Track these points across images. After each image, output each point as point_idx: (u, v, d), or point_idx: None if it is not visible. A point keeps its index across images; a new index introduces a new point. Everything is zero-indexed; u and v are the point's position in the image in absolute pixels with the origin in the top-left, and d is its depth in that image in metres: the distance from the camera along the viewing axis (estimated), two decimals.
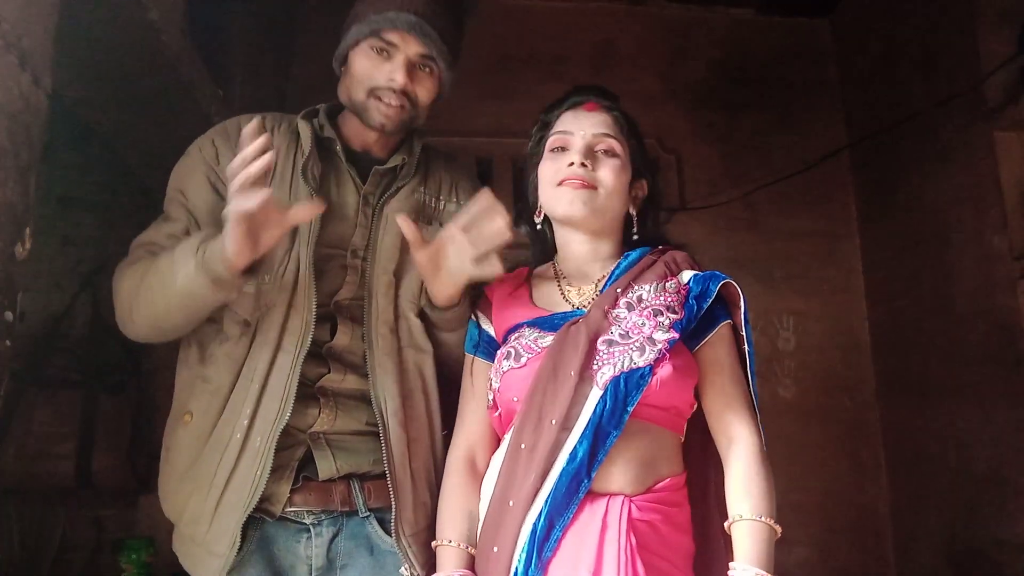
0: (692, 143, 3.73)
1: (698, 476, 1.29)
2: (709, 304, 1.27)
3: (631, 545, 1.12)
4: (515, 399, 1.25)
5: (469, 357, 1.39)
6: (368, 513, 1.37)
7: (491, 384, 1.30)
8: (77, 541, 2.99)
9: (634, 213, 1.40)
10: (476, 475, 1.31)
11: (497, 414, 1.30)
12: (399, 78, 1.38)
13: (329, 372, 1.37)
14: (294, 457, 1.34)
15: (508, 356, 1.28)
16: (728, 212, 3.62)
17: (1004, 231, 2.75)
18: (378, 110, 1.40)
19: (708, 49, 3.85)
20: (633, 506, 1.16)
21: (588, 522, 1.15)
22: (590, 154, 1.34)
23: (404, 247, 1.42)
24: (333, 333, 1.39)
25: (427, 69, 1.42)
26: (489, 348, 1.37)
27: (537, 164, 1.42)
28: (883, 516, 3.47)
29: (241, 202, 1.16)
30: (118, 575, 2.84)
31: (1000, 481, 2.80)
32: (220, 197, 1.36)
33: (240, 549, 1.30)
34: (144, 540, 2.90)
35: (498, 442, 1.32)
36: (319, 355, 1.37)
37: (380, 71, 1.39)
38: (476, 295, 1.44)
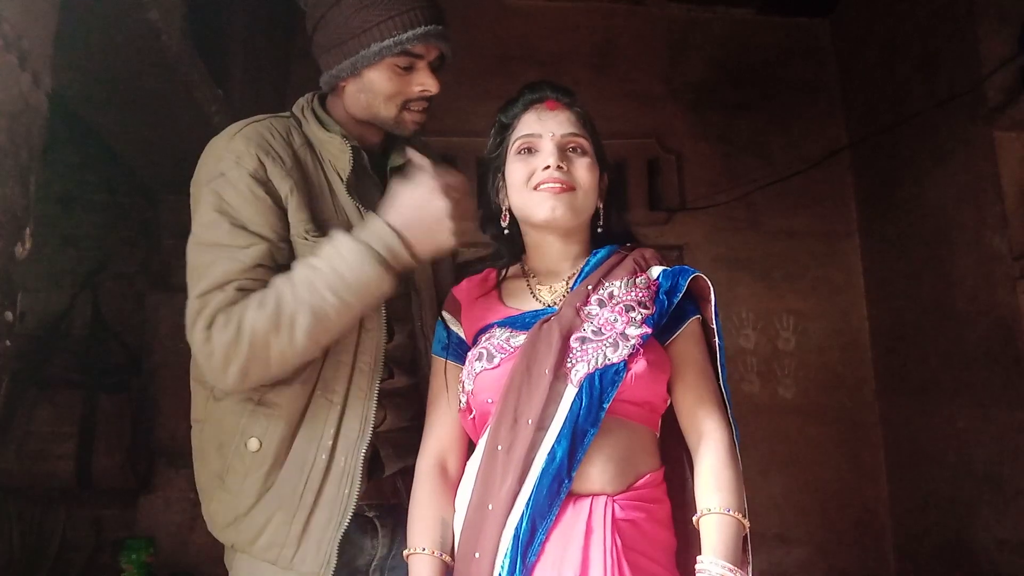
0: (692, 143, 3.73)
1: (676, 471, 1.29)
2: (679, 299, 1.26)
3: (617, 547, 1.11)
4: (489, 400, 1.23)
5: (439, 360, 1.36)
6: None
7: (463, 387, 1.28)
8: (77, 541, 3.00)
9: (600, 206, 1.39)
10: (448, 481, 1.29)
11: (471, 417, 1.28)
12: (432, 87, 1.39)
13: (392, 376, 1.39)
14: (366, 435, 1.34)
15: (480, 357, 1.26)
16: (728, 212, 3.63)
17: (1004, 231, 2.75)
18: (412, 120, 1.42)
19: (708, 49, 3.85)
20: (616, 506, 1.16)
21: (572, 524, 1.14)
22: (563, 155, 1.32)
23: None
24: (389, 336, 1.39)
25: (437, 67, 1.43)
26: (459, 350, 1.34)
27: (499, 168, 1.40)
28: (883, 516, 3.48)
29: (450, 235, 1.27)
30: (118, 575, 2.84)
31: (1000, 481, 2.80)
32: (280, 209, 1.30)
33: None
34: (144, 540, 2.90)
35: (470, 446, 1.31)
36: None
37: (408, 83, 1.38)
38: (442, 296, 1.44)
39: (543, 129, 1.34)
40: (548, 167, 1.30)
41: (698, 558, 1.13)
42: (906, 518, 3.37)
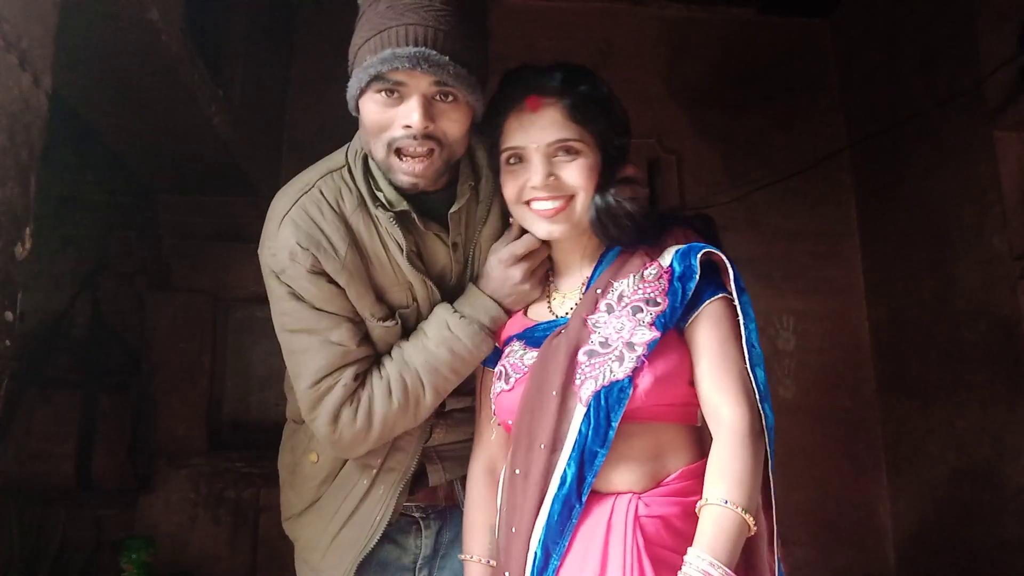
0: (692, 143, 3.73)
1: None
2: (697, 282, 1.18)
3: (638, 544, 1.09)
4: (510, 422, 1.23)
5: (480, 368, 1.37)
6: None
7: (492, 406, 1.29)
8: (77, 541, 2.99)
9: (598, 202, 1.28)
10: (496, 485, 1.31)
11: (493, 438, 1.32)
12: (415, 120, 1.17)
13: (445, 404, 1.40)
14: (409, 471, 1.39)
15: (500, 377, 1.26)
16: (728, 212, 3.62)
17: (1004, 231, 2.75)
18: (402, 169, 1.21)
19: (708, 49, 3.85)
20: (641, 503, 1.13)
21: (594, 525, 1.13)
22: (551, 164, 1.21)
23: None
24: None
25: (449, 98, 1.20)
26: (494, 358, 1.33)
27: (497, 169, 1.29)
28: (883, 516, 3.47)
29: (531, 292, 1.31)
30: (118, 575, 2.84)
31: (1000, 481, 2.79)
32: (342, 289, 1.29)
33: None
34: (144, 540, 2.90)
35: None
36: None
37: (394, 117, 1.19)
38: None
39: (526, 140, 1.22)
40: (535, 186, 1.21)
41: (688, 549, 1.07)
42: (906, 518, 3.37)
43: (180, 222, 3.25)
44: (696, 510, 1.12)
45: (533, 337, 1.26)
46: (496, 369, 1.28)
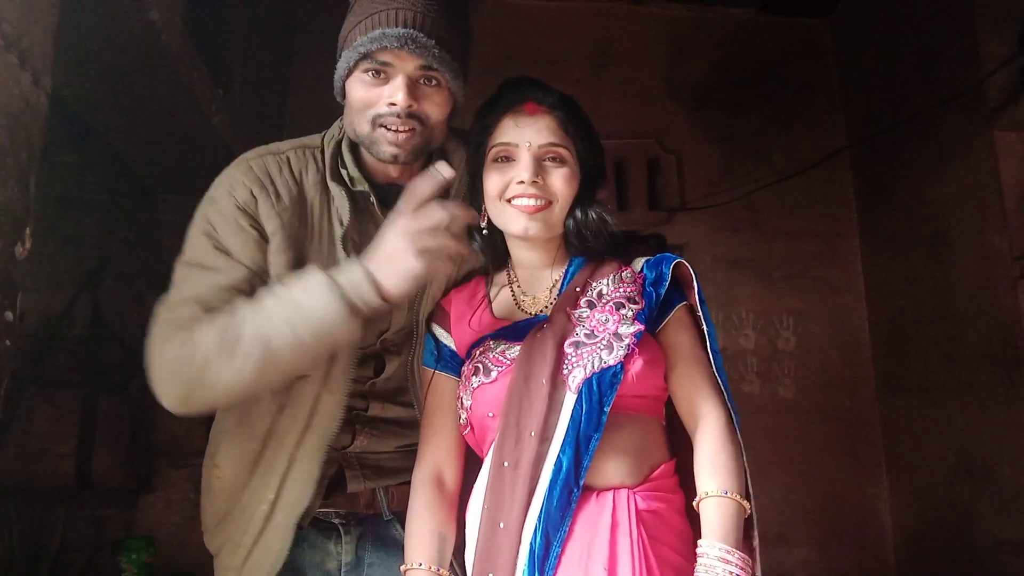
0: (692, 143, 3.74)
1: (689, 462, 1.27)
2: (666, 288, 1.25)
3: (643, 539, 1.12)
4: (490, 414, 1.22)
5: (429, 371, 1.35)
6: (391, 516, 1.40)
7: (462, 403, 1.27)
8: (77, 541, 2.99)
9: (577, 215, 1.33)
10: (444, 493, 1.27)
11: (467, 432, 1.28)
12: (400, 99, 1.23)
13: (368, 408, 1.37)
14: (326, 475, 1.35)
15: (477, 371, 1.25)
16: (728, 212, 3.63)
17: (1004, 231, 2.75)
18: (386, 139, 1.25)
19: (708, 49, 3.85)
20: (638, 498, 1.16)
21: (597, 516, 1.14)
22: (539, 167, 1.27)
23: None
24: (378, 370, 1.37)
25: (432, 82, 1.27)
26: (452, 362, 1.32)
27: (476, 170, 1.34)
28: (883, 516, 3.48)
29: (435, 263, 1.15)
30: (118, 575, 2.84)
31: (1000, 481, 2.80)
32: (265, 243, 1.26)
33: None
34: (144, 540, 2.91)
35: (465, 457, 1.30)
36: (360, 392, 1.36)
37: (379, 96, 1.25)
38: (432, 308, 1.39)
39: (520, 138, 1.28)
40: (522, 182, 1.25)
41: (698, 542, 1.13)
42: (906, 518, 3.37)
43: (180, 222, 3.23)
44: (695, 505, 1.17)
45: (513, 333, 1.27)
46: (472, 365, 1.27)
